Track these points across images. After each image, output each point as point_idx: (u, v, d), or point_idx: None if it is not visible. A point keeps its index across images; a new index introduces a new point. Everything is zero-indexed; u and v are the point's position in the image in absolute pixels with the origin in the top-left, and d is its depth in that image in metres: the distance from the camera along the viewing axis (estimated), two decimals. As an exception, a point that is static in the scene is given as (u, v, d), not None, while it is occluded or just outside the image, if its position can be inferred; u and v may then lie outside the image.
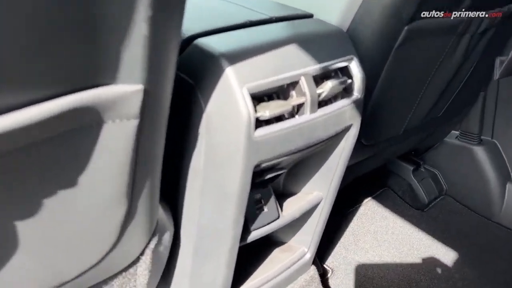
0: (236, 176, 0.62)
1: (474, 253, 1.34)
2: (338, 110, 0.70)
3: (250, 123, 0.58)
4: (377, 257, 1.32)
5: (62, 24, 0.37)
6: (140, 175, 0.58)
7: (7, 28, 0.34)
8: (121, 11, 0.40)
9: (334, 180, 0.84)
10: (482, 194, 1.52)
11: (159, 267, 0.81)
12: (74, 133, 0.46)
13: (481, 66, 1.11)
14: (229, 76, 0.57)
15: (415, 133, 1.19)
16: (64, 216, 0.53)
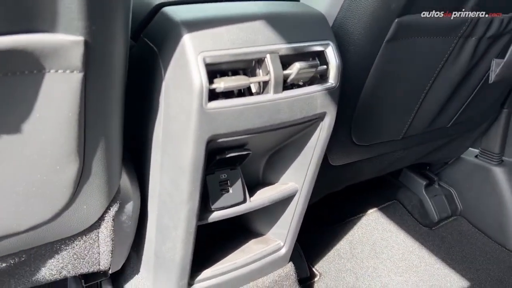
0: (188, 148, 0.62)
1: (479, 280, 1.25)
2: (307, 95, 0.68)
3: (202, 93, 0.57)
4: (371, 268, 1.26)
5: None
6: (92, 133, 0.59)
7: None
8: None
9: (309, 171, 0.82)
10: (499, 218, 1.42)
11: (124, 237, 0.81)
12: (16, 77, 0.48)
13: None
14: (186, 44, 0.57)
15: (420, 142, 1.14)
16: (12, 164, 0.55)
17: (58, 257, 0.75)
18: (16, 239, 0.64)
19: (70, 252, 0.76)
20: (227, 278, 0.87)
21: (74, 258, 0.78)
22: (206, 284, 0.85)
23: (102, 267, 0.83)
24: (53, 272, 0.78)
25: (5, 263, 0.68)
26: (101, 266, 0.83)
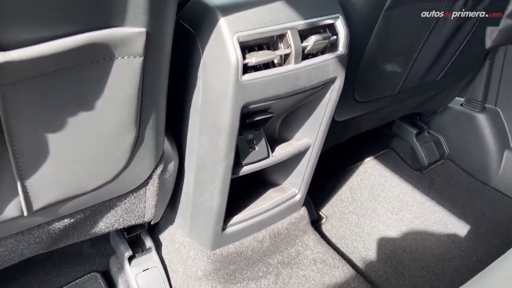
0: (226, 114, 0.73)
1: (465, 214, 1.43)
2: (322, 63, 0.79)
3: (238, 68, 0.68)
4: (370, 209, 1.42)
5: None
6: (146, 106, 0.70)
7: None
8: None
9: (321, 129, 0.94)
10: (481, 159, 1.58)
11: (165, 193, 0.95)
12: (93, 65, 0.58)
13: (482, 32, 1.16)
14: (222, 26, 0.67)
15: (412, 95, 1.27)
16: (84, 134, 0.66)
17: (113, 212, 0.88)
18: (84, 197, 0.77)
19: (122, 207, 0.89)
20: (253, 222, 1.01)
21: (125, 212, 0.91)
22: (236, 228, 0.99)
23: (146, 219, 0.97)
24: (108, 225, 0.91)
25: (73, 218, 0.81)
26: (145, 218, 0.96)
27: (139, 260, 1.09)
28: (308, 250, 1.10)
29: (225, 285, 0.99)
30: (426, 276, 1.21)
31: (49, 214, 0.75)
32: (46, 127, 0.62)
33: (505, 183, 1.54)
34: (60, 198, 0.72)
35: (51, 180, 0.69)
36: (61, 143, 0.65)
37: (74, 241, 0.90)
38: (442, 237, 1.35)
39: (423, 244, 1.31)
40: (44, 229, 0.79)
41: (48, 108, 0.60)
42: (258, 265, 1.04)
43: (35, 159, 0.65)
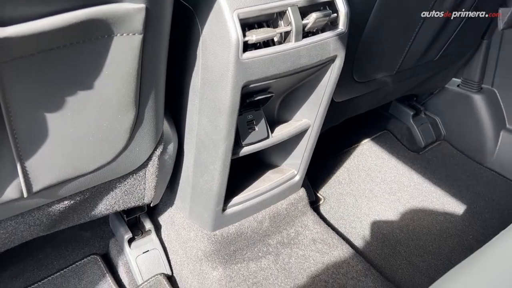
0: (226, 94, 0.73)
1: (461, 194, 1.44)
2: (322, 41, 0.78)
3: (238, 45, 0.67)
4: (367, 191, 1.43)
5: None
6: (145, 85, 0.69)
7: None
8: None
9: (320, 109, 0.94)
10: (477, 140, 1.59)
11: (165, 174, 0.94)
12: (91, 42, 0.57)
13: (480, 11, 1.15)
14: (221, 2, 0.66)
15: (410, 75, 1.26)
16: (84, 114, 0.65)
17: (113, 193, 0.88)
18: (84, 179, 0.76)
19: (122, 189, 0.89)
20: (253, 203, 1.02)
21: (125, 194, 0.91)
22: (236, 209, 0.99)
23: (146, 201, 0.97)
24: (107, 207, 0.91)
25: (73, 200, 0.81)
26: (145, 200, 0.96)
27: (139, 242, 1.09)
28: (307, 231, 1.10)
29: (225, 265, 1.00)
30: (423, 255, 1.22)
31: (49, 195, 0.75)
32: (45, 107, 0.61)
33: (501, 163, 1.55)
34: (60, 179, 0.72)
35: (51, 161, 0.68)
36: (60, 123, 0.64)
37: (74, 223, 0.89)
38: (439, 216, 1.36)
39: (420, 224, 1.32)
40: (44, 211, 0.79)
41: (46, 87, 0.59)
42: (258, 246, 1.04)
43: (35, 139, 0.64)
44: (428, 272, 1.18)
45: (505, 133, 1.54)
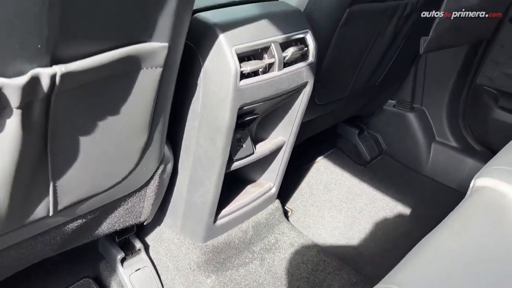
0: (225, 115, 0.86)
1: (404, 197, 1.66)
2: (298, 70, 0.95)
3: (236, 75, 0.82)
4: (327, 201, 1.61)
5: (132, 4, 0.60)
6: (157, 112, 0.81)
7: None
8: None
9: (294, 127, 1.10)
10: (413, 152, 1.85)
11: (160, 192, 1.04)
12: (124, 74, 0.69)
13: (409, 45, 1.41)
14: (222, 40, 0.81)
15: (358, 98, 1.48)
16: (108, 137, 0.75)
17: (116, 212, 0.96)
18: (98, 197, 0.85)
19: (124, 208, 0.97)
20: (238, 214, 1.14)
21: (126, 212, 0.99)
22: (224, 220, 1.11)
23: (142, 219, 1.05)
24: (109, 226, 0.98)
25: (85, 219, 0.88)
26: (141, 218, 1.05)
27: (130, 262, 1.16)
28: (285, 236, 1.24)
29: (217, 273, 1.10)
30: (379, 252, 1.40)
31: (67, 214, 0.82)
32: (79, 131, 0.70)
33: (434, 170, 1.81)
34: (81, 197, 0.80)
35: (76, 181, 0.77)
36: (89, 145, 0.73)
37: (80, 243, 0.96)
38: (389, 219, 1.56)
39: (375, 226, 1.51)
40: (60, 230, 0.85)
41: (84, 113, 0.69)
42: (244, 253, 1.16)
43: (66, 161, 0.72)
44: (386, 266, 1.35)
45: (436, 145, 1.81)
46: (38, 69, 0.55)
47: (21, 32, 0.51)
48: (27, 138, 0.60)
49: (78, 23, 0.57)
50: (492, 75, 1.64)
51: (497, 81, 1.63)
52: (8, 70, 0.53)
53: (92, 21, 0.59)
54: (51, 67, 0.57)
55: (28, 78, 0.54)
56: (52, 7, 0.51)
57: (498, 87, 1.64)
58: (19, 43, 0.52)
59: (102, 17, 0.60)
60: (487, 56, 1.62)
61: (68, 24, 0.56)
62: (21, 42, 0.52)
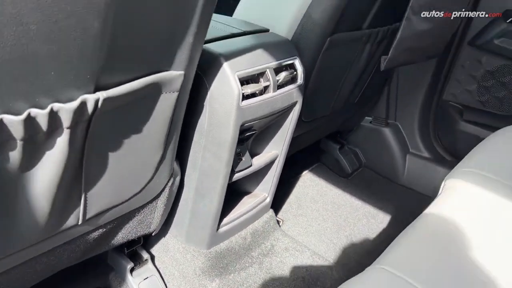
0: (229, 131, 0.99)
1: (384, 205, 1.81)
2: (289, 91, 1.09)
3: (239, 96, 0.95)
4: (314, 211, 1.74)
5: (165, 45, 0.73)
6: (171, 130, 0.93)
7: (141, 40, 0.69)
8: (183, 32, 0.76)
9: (285, 142, 1.24)
10: (390, 164, 2.01)
11: (169, 203, 1.15)
12: (147, 99, 0.81)
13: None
14: (226, 67, 0.94)
15: (339, 115, 1.63)
16: (131, 153, 0.87)
17: (131, 222, 1.06)
18: (118, 208, 0.95)
19: (138, 218, 1.07)
20: (237, 223, 1.25)
21: (138, 223, 1.09)
22: (226, 228, 1.22)
23: (151, 229, 1.15)
24: (124, 236, 1.08)
25: (105, 228, 0.98)
26: (151, 228, 1.15)
27: (139, 271, 1.25)
28: (279, 242, 1.36)
29: (221, 277, 1.20)
30: (364, 254, 1.53)
31: (92, 223, 0.92)
32: (108, 147, 0.82)
33: (410, 179, 1.97)
34: (105, 207, 0.90)
35: (103, 192, 0.87)
36: (115, 159, 0.85)
37: (98, 252, 1.05)
38: (371, 225, 1.70)
39: (359, 232, 1.65)
40: (84, 238, 0.95)
41: (113, 131, 0.80)
42: (244, 258, 1.27)
43: (97, 173, 0.83)
44: (372, 267, 1.48)
45: (410, 156, 1.98)
46: (85, 95, 0.67)
47: (76, 68, 0.63)
48: (70, 153, 0.71)
49: (117, 58, 0.70)
50: (456, 91, 1.83)
51: (461, 97, 1.82)
52: (62, 96, 0.65)
53: (127, 56, 0.72)
54: (95, 93, 0.69)
55: (78, 103, 0.66)
56: (101, 49, 0.64)
57: (461, 102, 1.83)
58: (74, 75, 0.64)
59: (135, 53, 0.72)
60: (450, 75, 1.82)
61: (110, 59, 0.68)
62: (76, 75, 0.64)
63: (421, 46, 1.30)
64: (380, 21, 1.33)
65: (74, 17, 0.57)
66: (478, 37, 1.68)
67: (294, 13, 1.17)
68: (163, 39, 0.75)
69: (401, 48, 1.21)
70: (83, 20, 0.58)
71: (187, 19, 0.75)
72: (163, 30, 0.73)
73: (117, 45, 0.67)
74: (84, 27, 0.59)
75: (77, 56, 0.62)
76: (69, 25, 0.57)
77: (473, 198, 0.97)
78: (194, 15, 0.75)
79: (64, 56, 0.60)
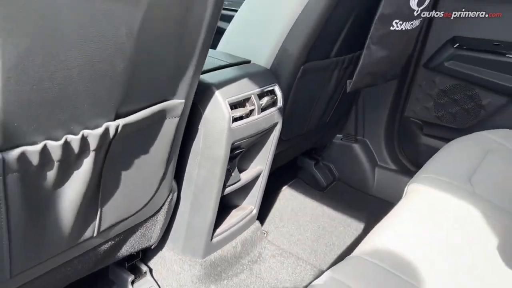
0: (222, 150, 1.14)
1: (358, 214, 1.98)
2: (271, 113, 1.26)
3: (230, 119, 1.10)
4: (295, 223, 1.88)
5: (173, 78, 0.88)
6: (172, 150, 1.07)
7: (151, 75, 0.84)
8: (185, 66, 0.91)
9: (269, 158, 1.39)
10: (361, 177, 2.19)
11: (167, 218, 1.27)
12: (154, 124, 0.95)
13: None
14: (217, 95, 1.10)
15: (313, 133, 1.81)
16: (139, 170, 1.00)
17: (135, 235, 1.18)
18: (126, 221, 1.07)
19: (140, 232, 1.19)
20: (228, 233, 1.39)
21: (140, 236, 1.21)
22: (218, 239, 1.35)
23: (152, 242, 1.27)
24: (128, 248, 1.19)
25: (113, 241, 1.10)
26: (151, 241, 1.26)
27: (139, 283, 1.35)
28: (266, 250, 1.49)
29: (216, 283, 1.33)
30: (343, 258, 1.68)
31: (104, 236, 1.04)
32: (121, 166, 0.95)
33: (379, 190, 2.15)
34: (116, 221, 1.02)
35: (115, 206, 0.99)
36: (126, 177, 0.97)
37: (105, 264, 1.16)
38: (347, 233, 1.86)
39: (337, 239, 1.80)
40: (95, 250, 1.06)
41: (126, 153, 0.93)
42: (235, 265, 1.40)
43: (111, 189, 0.96)
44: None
45: (378, 169, 2.17)
46: (108, 123, 0.81)
47: (104, 100, 0.77)
48: (93, 172, 0.84)
49: (134, 90, 0.84)
50: (415, 109, 2.05)
51: (420, 113, 2.04)
52: (90, 124, 0.79)
53: (141, 88, 0.86)
54: (115, 121, 0.83)
55: (103, 129, 0.80)
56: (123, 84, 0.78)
57: (421, 118, 2.04)
58: (101, 106, 0.78)
59: (147, 85, 0.87)
60: (410, 94, 2.04)
61: (128, 92, 0.82)
62: (102, 106, 0.78)
63: (380, 71, 1.50)
64: (345, 50, 1.53)
65: (106, 61, 0.71)
66: (431, 61, 1.91)
67: (271, 46, 1.34)
68: (169, 73, 0.90)
69: (363, 73, 1.41)
70: (113, 63, 0.73)
71: (189, 55, 0.90)
72: (170, 65, 0.88)
73: (134, 80, 0.82)
74: (113, 68, 0.74)
75: (105, 91, 0.76)
76: (102, 67, 0.72)
77: (431, 199, 1.15)
78: (195, 52, 0.90)
79: (96, 92, 0.75)
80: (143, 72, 0.82)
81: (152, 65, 0.83)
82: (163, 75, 0.89)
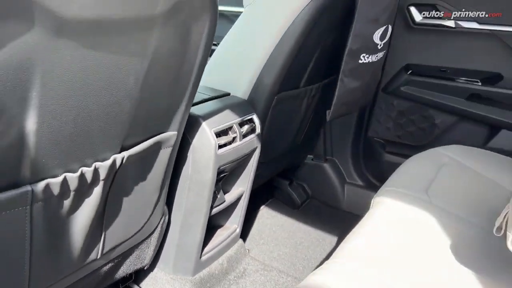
0: (209, 174, 1.27)
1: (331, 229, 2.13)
2: (251, 139, 1.40)
3: (216, 147, 1.24)
4: (274, 240, 2.01)
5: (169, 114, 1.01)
6: (165, 176, 1.19)
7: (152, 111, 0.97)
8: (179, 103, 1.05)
9: (249, 180, 1.53)
10: (332, 193, 2.36)
11: (159, 239, 1.37)
12: (151, 154, 1.07)
13: (318, 114, 1.95)
14: (204, 126, 1.24)
15: (287, 155, 1.97)
16: (137, 195, 1.11)
17: (131, 257, 1.28)
18: (124, 244, 1.17)
19: (136, 253, 1.29)
20: (215, 251, 1.50)
21: (136, 258, 1.31)
22: (206, 257, 1.47)
23: (145, 263, 1.37)
24: (125, 269, 1.29)
25: (113, 263, 1.20)
26: (145, 262, 1.36)
27: (132, 303, 1.44)
28: (250, 265, 1.62)
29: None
30: (321, 270, 1.83)
31: (105, 257, 1.13)
32: (123, 192, 1.06)
33: (349, 205, 2.32)
34: (115, 243, 1.13)
35: (116, 229, 1.10)
36: (126, 202, 1.09)
37: (103, 285, 1.25)
38: (322, 246, 2.01)
39: (313, 252, 1.94)
40: (96, 272, 1.15)
41: (127, 180, 1.05)
42: (223, 281, 1.51)
43: (114, 214, 1.06)
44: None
45: (347, 185, 2.34)
46: (115, 155, 0.93)
47: (113, 136, 0.90)
48: (101, 199, 0.96)
49: (136, 126, 0.97)
50: (378, 129, 2.25)
51: (382, 133, 2.24)
52: (100, 157, 0.91)
53: (142, 124, 0.99)
54: (120, 153, 0.95)
55: (111, 161, 0.92)
56: (129, 122, 0.91)
57: (383, 137, 2.25)
58: (110, 141, 0.90)
59: (147, 120, 1.00)
60: (372, 116, 2.24)
61: (132, 127, 0.95)
62: (111, 141, 0.90)
63: (353, 100, 1.69)
64: (312, 80, 1.71)
65: (116, 104, 0.84)
66: (389, 86, 2.13)
67: (248, 78, 1.50)
68: (165, 109, 1.04)
69: (340, 103, 1.58)
70: (121, 105, 0.86)
71: (182, 94, 1.04)
72: (166, 103, 1.02)
73: (137, 117, 0.95)
74: (121, 109, 0.87)
75: (114, 128, 0.89)
76: (113, 109, 0.84)
77: (394, 209, 1.31)
78: (187, 91, 1.04)
79: (106, 130, 0.87)
80: (144, 110, 0.95)
81: (152, 104, 0.97)
82: (160, 111, 1.02)
